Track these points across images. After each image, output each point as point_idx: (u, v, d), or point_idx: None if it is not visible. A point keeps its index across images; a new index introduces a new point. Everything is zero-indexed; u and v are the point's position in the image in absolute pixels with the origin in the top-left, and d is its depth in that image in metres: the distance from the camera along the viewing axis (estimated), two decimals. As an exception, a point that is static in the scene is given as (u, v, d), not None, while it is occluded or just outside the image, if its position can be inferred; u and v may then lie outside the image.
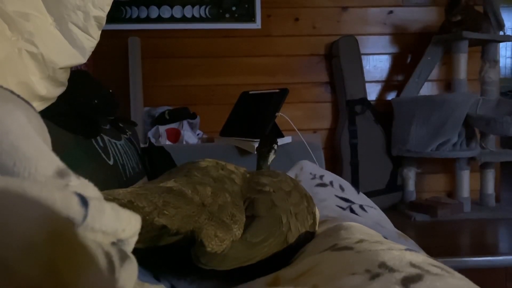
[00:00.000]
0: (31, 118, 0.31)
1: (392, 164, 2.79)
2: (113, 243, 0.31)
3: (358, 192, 1.14)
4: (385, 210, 1.11)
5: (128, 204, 0.44)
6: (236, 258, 0.52)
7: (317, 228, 0.70)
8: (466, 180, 2.59)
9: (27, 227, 0.19)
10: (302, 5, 2.85)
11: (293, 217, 0.62)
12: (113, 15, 2.72)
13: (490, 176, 2.67)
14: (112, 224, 0.30)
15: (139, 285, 0.40)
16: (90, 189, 0.30)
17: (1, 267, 0.17)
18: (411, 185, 2.75)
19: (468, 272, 0.41)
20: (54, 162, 0.29)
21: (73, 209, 0.25)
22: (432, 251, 0.45)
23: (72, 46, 0.83)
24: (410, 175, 2.74)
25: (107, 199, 0.41)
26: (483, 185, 2.68)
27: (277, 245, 0.57)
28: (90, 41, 0.87)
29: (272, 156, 0.93)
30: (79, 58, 0.86)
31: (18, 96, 0.34)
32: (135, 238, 0.35)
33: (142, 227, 0.35)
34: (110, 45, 2.61)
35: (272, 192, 0.62)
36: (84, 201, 0.26)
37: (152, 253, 0.50)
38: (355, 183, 2.66)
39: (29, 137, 0.29)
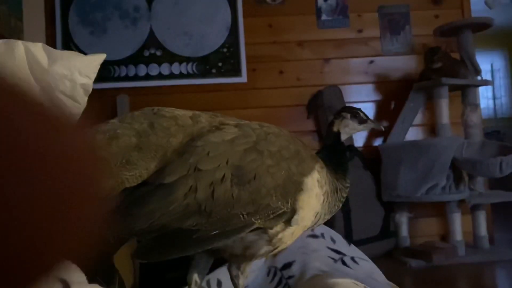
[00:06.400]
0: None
1: (384, 210, 2.78)
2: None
3: (350, 244, 1.14)
4: (380, 258, 1.11)
5: None
6: None
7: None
8: (458, 223, 2.59)
9: None
10: (285, 59, 2.94)
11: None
12: (102, 75, 2.78)
13: (482, 218, 2.67)
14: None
15: None
16: (72, 272, 0.30)
17: None
18: (404, 230, 2.73)
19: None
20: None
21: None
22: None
23: (59, 113, 0.85)
24: (403, 220, 2.73)
25: None
26: (475, 227, 2.68)
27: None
28: (77, 108, 0.89)
29: (339, 123, 0.80)
30: (66, 125, 0.88)
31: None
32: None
33: None
34: (99, 104, 2.65)
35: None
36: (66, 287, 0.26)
37: None
38: (348, 231, 2.64)
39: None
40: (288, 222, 0.65)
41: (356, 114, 0.80)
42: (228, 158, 0.61)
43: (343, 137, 0.80)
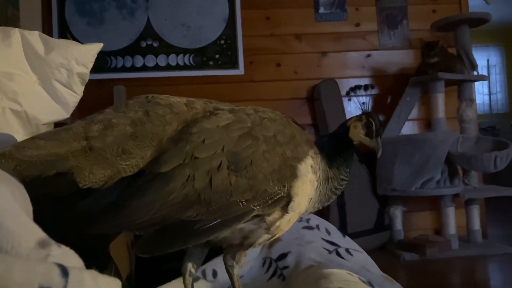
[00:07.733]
0: (15, 193, 0.33)
1: (379, 204, 2.80)
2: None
3: (344, 236, 1.15)
4: (374, 251, 1.11)
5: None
6: None
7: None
8: (451, 217, 2.61)
9: None
10: (283, 51, 2.94)
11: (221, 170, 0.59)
12: (99, 65, 2.76)
13: (475, 212, 2.69)
14: (92, 292, 0.30)
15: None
16: (70, 258, 0.31)
17: None
18: (398, 224, 2.75)
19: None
20: (36, 234, 0.30)
21: (54, 280, 0.25)
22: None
23: (55, 102, 0.85)
24: (397, 213, 2.75)
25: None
26: (469, 221, 2.70)
27: None
28: (73, 97, 0.89)
29: (354, 120, 0.78)
30: (63, 114, 0.88)
31: (2, 169, 0.35)
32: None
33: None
34: (96, 94, 2.63)
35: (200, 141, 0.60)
36: (64, 272, 0.26)
37: None
38: (343, 224, 2.65)
39: (13, 212, 0.30)
40: (285, 209, 0.65)
41: (369, 124, 0.77)
42: (224, 145, 0.60)
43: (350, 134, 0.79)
